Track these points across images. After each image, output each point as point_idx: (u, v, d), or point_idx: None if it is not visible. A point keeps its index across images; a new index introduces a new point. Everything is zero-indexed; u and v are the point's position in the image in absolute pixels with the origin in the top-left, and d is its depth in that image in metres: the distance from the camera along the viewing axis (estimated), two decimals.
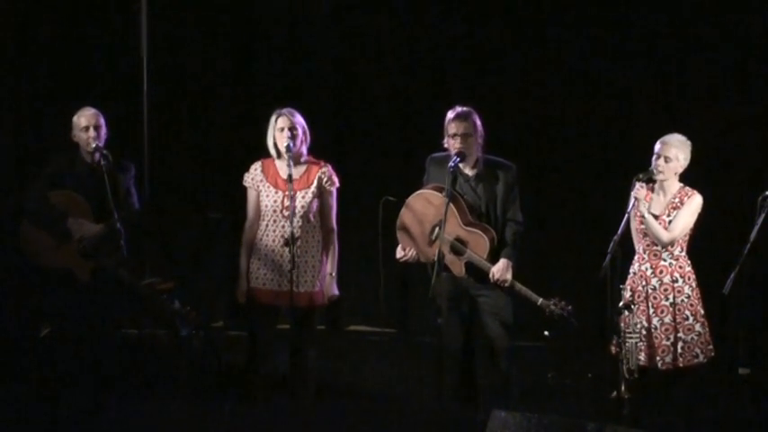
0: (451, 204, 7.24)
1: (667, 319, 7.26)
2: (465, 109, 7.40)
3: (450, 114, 7.38)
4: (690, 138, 7.33)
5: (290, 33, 9.95)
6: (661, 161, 7.26)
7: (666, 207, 7.30)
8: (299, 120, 7.43)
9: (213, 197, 10.08)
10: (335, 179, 7.49)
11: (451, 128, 7.36)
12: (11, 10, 9.66)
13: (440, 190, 7.34)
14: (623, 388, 7.17)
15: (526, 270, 7.51)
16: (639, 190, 7.22)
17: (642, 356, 7.24)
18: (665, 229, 7.26)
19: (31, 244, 7.63)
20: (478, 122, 7.39)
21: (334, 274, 7.50)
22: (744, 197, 7.44)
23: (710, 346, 7.30)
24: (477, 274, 7.35)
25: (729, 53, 9.24)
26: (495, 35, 9.70)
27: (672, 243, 7.26)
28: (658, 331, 7.26)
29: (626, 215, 7.17)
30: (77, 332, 7.59)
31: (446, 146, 7.41)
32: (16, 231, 7.70)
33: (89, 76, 9.75)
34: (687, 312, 7.26)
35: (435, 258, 7.15)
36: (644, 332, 7.26)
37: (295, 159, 7.37)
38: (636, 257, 7.40)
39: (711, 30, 9.28)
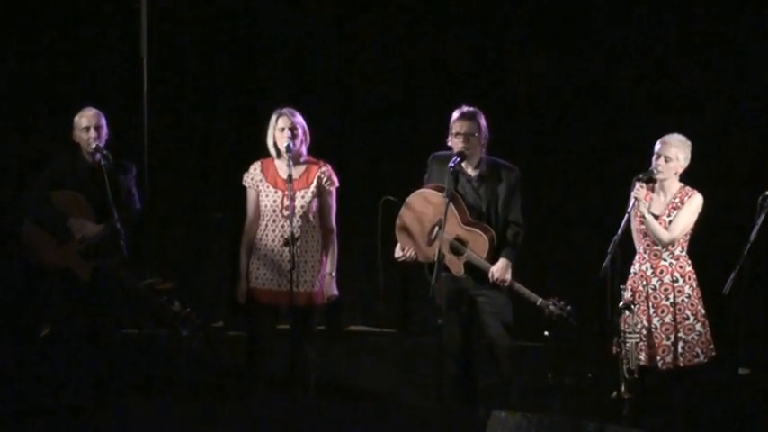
0: (451, 204, 7.24)
1: (668, 319, 7.26)
2: (471, 109, 7.40)
3: (456, 114, 7.39)
4: (690, 138, 7.33)
5: (290, 33, 9.95)
6: (661, 161, 7.26)
7: (667, 207, 7.30)
8: (300, 120, 7.43)
9: (213, 197, 10.09)
10: (335, 179, 7.49)
11: (456, 127, 7.37)
12: (11, 10, 9.67)
13: (440, 189, 7.34)
14: (623, 388, 7.18)
15: (526, 270, 7.51)
16: (639, 190, 7.22)
17: (642, 356, 7.24)
18: (666, 229, 7.26)
19: (32, 244, 7.63)
20: (483, 123, 7.39)
21: (333, 274, 7.50)
22: (744, 197, 7.44)
23: (711, 346, 7.30)
24: (477, 274, 7.35)
25: (730, 53, 9.25)
26: (495, 36, 9.71)
27: (672, 243, 7.26)
28: (659, 331, 7.26)
29: (626, 215, 7.18)
30: (77, 332, 7.59)
31: (450, 144, 7.42)
32: (17, 231, 7.70)
33: (89, 76, 9.76)
34: (687, 312, 7.26)
35: (435, 258, 7.16)
36: (644, 332, 7.26)
37: (295, 159, 7.37)
38: (636, 257, 7.40)
39: (711, 29, 9.28)
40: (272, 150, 7.45)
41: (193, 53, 10.02)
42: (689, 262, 7.32)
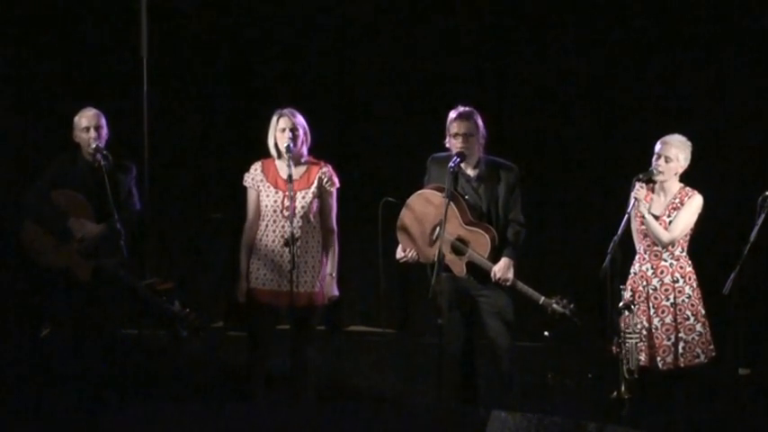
0: (452, 204, 7.24)
1: (668, 320, 7.26)
2: (467, 109, 7.40)
3: (453, 114, 7.38)
4: (690, 138, 7.33)
5: (290, 34, 9.95)
6: (661, 161, 7.26)
7: (667, 207, 7.30)
8: (300, 120, 7.43)
9: (213, 197, 10.09)
10: (336, 179, 7.49)
11: (453, 127, 7.36)
12: (11, 9, 9.67)
13: (440, 190, 7.34)
14: (623, 388, 7.18)
15: (527, 270, 7.51)
16: (639, 190, 7.22)
17: (643, 356, 7.24)
18: (666, 229, 7.26)
19: (32, 244, 7.63)
20: (480, 123, 7.39)
21: (334, 275, 7.50)
22: (744, 197, 7.44)
23: (711, 346, 7.30)
24: (478, 273, 7.35)
25: (729, 53, 9.25)
26: (495, 36, 9.71)
27: (672, 243, 7.26)
28: (659, 331, 7.26)
29: (626, 215, 7.18)
30: (77, 332, 7.59)
31: (448, 146, 7.41)
32: (17, 231, 7.70)
33: (89, 76, 9.76)
34: (688, 312, 7.26)
35: (436, 258, 7.15)
36: (644, 332, 7.26)
37: (295, 160, 7.38)
38: (636, 258, 7.40)
39: (712, 29, 9.28)
40: (273, 151, 7.45)
41: (193, 53, 10.02)
42: (689, 262, 7.32)
